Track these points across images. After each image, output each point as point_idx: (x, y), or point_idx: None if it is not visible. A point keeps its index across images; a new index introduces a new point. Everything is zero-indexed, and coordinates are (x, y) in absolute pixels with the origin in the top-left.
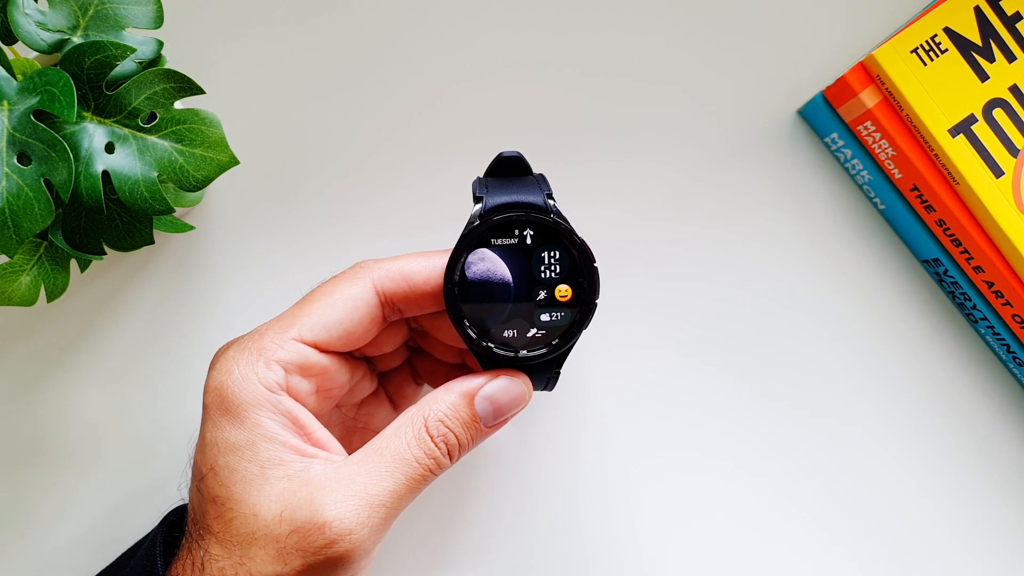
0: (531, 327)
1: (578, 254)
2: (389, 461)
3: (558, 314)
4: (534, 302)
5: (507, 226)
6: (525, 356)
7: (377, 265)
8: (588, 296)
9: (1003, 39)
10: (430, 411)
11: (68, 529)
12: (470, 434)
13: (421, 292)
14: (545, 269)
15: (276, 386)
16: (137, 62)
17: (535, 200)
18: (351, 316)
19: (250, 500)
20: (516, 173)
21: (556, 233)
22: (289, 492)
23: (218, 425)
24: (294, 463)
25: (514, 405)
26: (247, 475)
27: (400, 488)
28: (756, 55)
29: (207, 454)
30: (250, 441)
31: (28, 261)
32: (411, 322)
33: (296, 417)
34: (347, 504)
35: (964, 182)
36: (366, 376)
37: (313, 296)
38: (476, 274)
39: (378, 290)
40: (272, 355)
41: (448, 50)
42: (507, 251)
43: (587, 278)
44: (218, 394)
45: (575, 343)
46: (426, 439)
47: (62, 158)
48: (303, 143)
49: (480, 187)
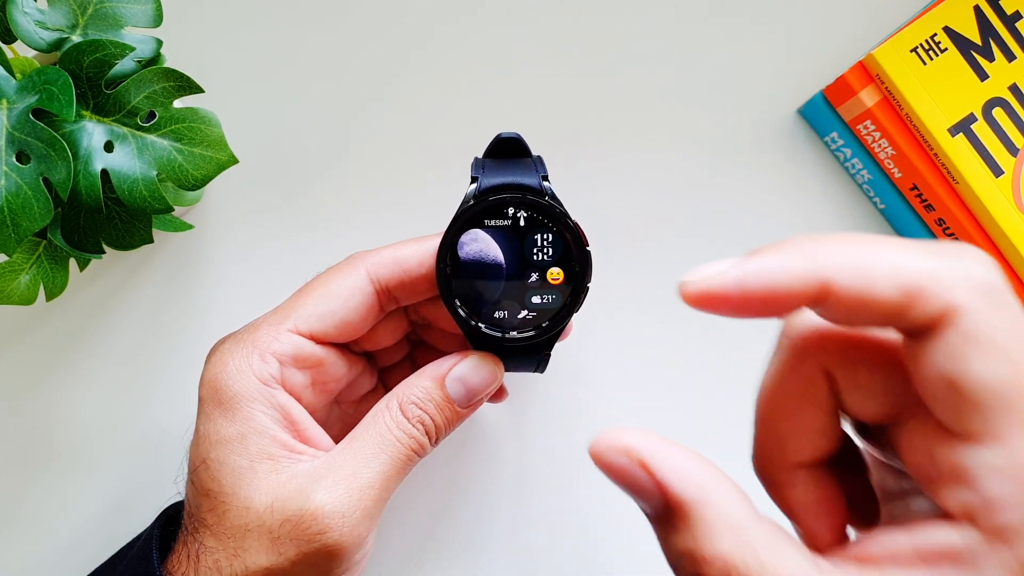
0: (522, 309)
1: (571, 237)
2: (372, 444)
3: (549, 297)
4: (526, 284)
5: (501, 207)
6: (514, 337)
7: (370, 254)
8: (580, 280)
9: (1003, 38)
10: (403, 395)
11: (67, 527)
12: (445, 416)
13: (416, 276)
14: (538, 251)
15: (271, 379)
16: (136, 61)
17: (530, 182)
18: (346, 305)
19: (241, 493)
20: (514, 155)
21: (550, 215)
22: (278, 484)
23: (211, 418)
24: (282, 459)
25: (485, 385)
26: (237, 468)
27: (387, 469)
28: (756, 54)
29: (200, 447)
30: (241, 434)
31: (27, 260)
32: (411, 313)
33: (288, 412)
34: (337, 489)
35: (964, 181)
36: (366, 372)
37: (308, 288)
38: (468, 254)
39: (372, 278)
40: (267, 347)
41: (448, 48)
42: (500, 232)
43: (579, 262)
44: (212, 387)
45: (564, 326)
46: (403, 420)
47: (61, 157)
48: (302, 142)
49: (477, 167)
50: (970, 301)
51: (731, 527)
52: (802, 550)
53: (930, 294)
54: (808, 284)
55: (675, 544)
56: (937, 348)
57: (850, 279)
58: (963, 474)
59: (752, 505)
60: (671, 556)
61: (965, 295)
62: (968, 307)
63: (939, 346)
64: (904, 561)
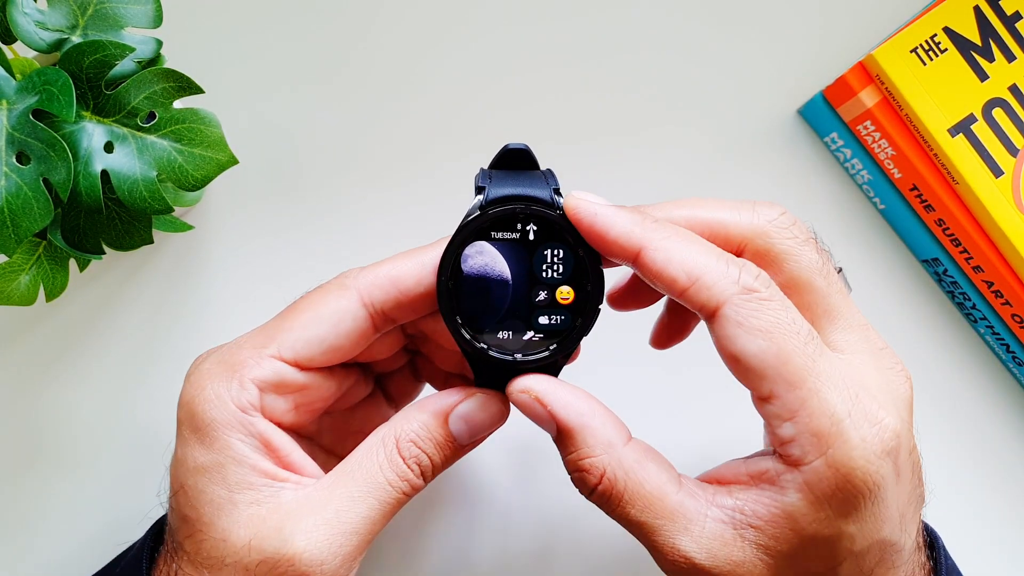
0: (528, 329)
1: (584, 254)
2: (361, 485)
3: (558, 317)
4: (533, 303)
5: (509, 219)
6: (518, 360)
7: (363, 273)
8: (591, 300)
9: (1003, 39)
10: (401, 431)
11: (65, 528)
12: (444, 454)
13: (413, 295)
14: (547, 268)
15: (249, 406)
16: (136, 61)
17: (541, 194)
18: (335, 331)
19: (219, 525)
20: (522, 167)
21: (561, 230)
22: (258, 519)
23: (188, 442)
24: (264, 488)
25: (490, 424)
26: (215, 499)
27: (374, 514)
28: (756, 54)
29: (178, 471)
30: (218, 463)
31: (27, 260)
32: (408, 327)
33: (268, 440)
34: (318, 533)
35: (963, 182)
36: (360, 382)
37: (295, 309)
38: (473, 268)
39: (365, 302)
40: (248, 373)
41: (448, 50)
42: (507, 246)
43: (592, 281)
44: (189, 410)
45: (574, 350)
46: (398, 461)
47: (61, 157)
48: (302, 142)
49: (483, 177)
50: (732, 295)
51: (605, 444)
52: (666, 467)
53: (703, 284)
54: (629, 244)
55: (568, 457)
56: (717, 330)
57: (655, 254)
58: (766, 421)
59: (623, 429)
60: (567, 467)
61: (729, 290)
62: (730, 300)
63: (718, 328)
64: (742, 482)
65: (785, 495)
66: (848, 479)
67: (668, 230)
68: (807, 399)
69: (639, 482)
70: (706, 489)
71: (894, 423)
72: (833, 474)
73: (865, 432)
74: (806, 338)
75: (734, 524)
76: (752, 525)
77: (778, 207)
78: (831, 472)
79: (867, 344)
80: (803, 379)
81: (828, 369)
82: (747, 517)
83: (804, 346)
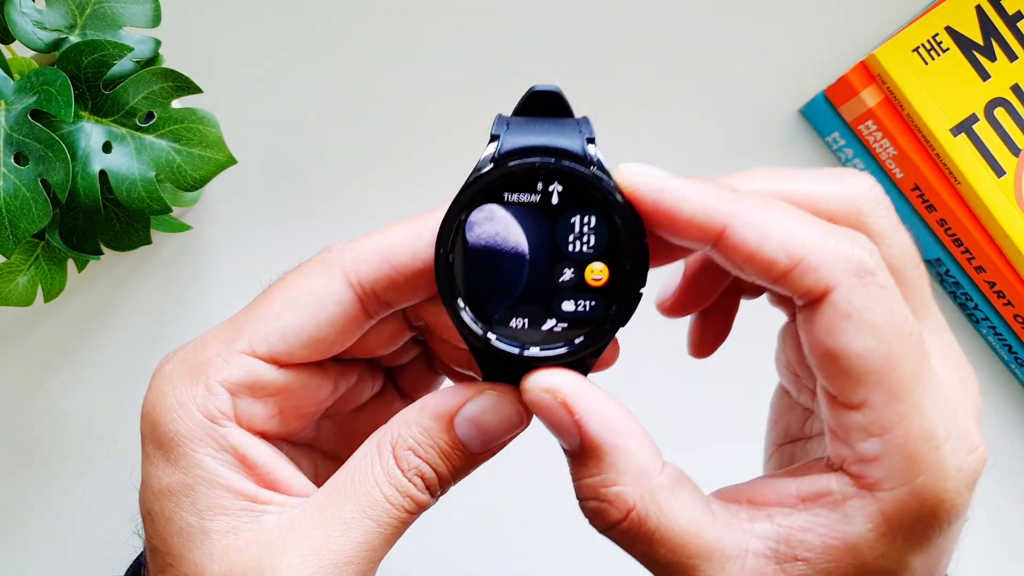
0: (548, 317)
1: (623, 222)
2: (354, 503)
3: (587, 303)
4: (556, 284)
5: (528, 176)
6: (535, 355)
7: (349, 247)
8: (630, 282)
9: (1004, 38)
10: (398, 436)
11: (65, 528)
12: (452, 464)
13: (410, 272)
14: (575, 240)
15: (219, 414)
16: (135, 61)
17: (571, 145)
18: (316, 319)
19: (190, 559)
20: (552, 114)
21: (595, 191)
22: (235, 551)
23: (152, 460)
24: (241, 513)
25: (506, 429)
26: (185, 528)
27: (371, 538)
28: (757, 54)
29: (144, 495)
30: (186, 484)
31: (25, 261)
32: (411, 316)
33: (244, 454)
34: (305, 567)
35: (965, 181)
36: (364, 377)
37: (268, 294)
38: (480, 238)
39: (352, 281)
40: (215, 374)
41: (448, 50)
42: (525, 211)
43: (631, 257)
44: (150, 421)
45: (607, 344)
46: (395, 473)
47: (59, 158)
48: (300, 142)
49: (499, 124)
50: (845, 279)
51: (638, 472)
52: (699, 497)
53: (808, 265)
54: (709, 222)
55: (586, 481)
56: (817, 320)
57: (746, 231)
58: (842, 431)
59: (659, 454)
60: (580, 492)
61: (841, 273)
62: (842, 284)
63: (819, 318)
64: (788, 504)
65: (850, 524)
66: (933, 512)
67: (756, 200)
68: (907, 415)
69: (673, 519)
70: (739, 515)
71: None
72: (918, 505)
73: (962, 461)
74: (918, 342)
75: (776, 558)
76: (799, 558)
77: (868, 177)
78: (915, 502)
79: (951, 349)
80: (909, 391)
81: (933, 381)
82: (792, 549)
83: (916, 351)
